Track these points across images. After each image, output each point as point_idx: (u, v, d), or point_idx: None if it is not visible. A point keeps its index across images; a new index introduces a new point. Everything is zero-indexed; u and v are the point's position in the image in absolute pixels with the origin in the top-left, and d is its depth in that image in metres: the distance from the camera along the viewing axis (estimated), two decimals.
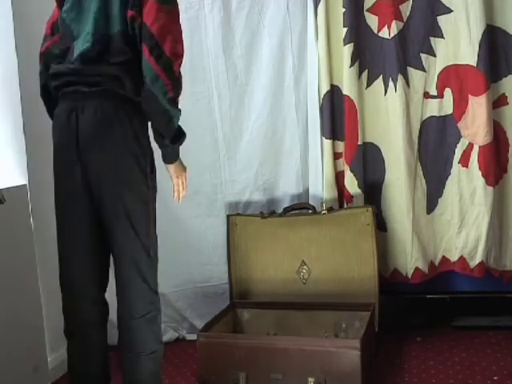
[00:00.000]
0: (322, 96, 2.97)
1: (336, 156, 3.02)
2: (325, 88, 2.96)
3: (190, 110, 3.07)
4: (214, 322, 2.73)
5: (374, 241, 2.83)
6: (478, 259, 2.87)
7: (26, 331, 2.61)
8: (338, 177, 3.02)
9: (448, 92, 2.88)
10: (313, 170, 3.06)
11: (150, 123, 2.08)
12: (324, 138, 2.99)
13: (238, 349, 2.48)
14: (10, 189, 2.56)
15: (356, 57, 2.89)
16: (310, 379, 2.38)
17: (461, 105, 2.85)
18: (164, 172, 3.11)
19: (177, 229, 3.13)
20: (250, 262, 2.99)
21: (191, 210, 3.11)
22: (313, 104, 3.01)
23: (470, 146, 2.86)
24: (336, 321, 2.83)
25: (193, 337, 3.11)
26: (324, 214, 2.87)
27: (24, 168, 2.68)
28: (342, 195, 3.00)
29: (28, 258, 2.66)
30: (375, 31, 2.90)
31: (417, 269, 2.91)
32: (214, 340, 2.55)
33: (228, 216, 3.03)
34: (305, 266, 2.87)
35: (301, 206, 2.98)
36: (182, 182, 2.22)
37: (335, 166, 3.02)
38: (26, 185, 2.67)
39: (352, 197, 2.95)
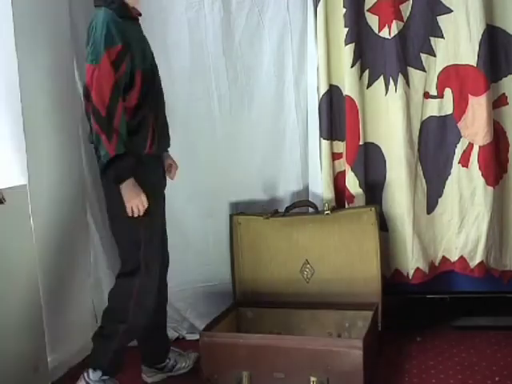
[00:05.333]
0: (320, 97, 2.97)
1: (336, 156, 3.03)
2: (323, 88, 2.96)
3: (190, 109, 3.07)
4: (218, 321, 2.73)
5: (378, 240, 2.83)
6: (477, 259, 2.88)
7: (26, 331, 2.61)
8: (339, 177, 3.02)
9: (448, 92, 2.88)
10: (313, 170, 3.06)
11: None
12: (322, 139, 2.99)
13: (241, 348, 2.49)
14: (10, 189, 2.56)
15: (357, 57, 2.89)
16: (313, 378, 2.39)
17: (461, 105, 2.85)
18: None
19: (177, 229, 3.12)
20: (253, 262, 2.99)
21: (191, 210, 3.11)
22: (312, 104, 3.01)
23: (470, 146, 2.86)
24: (339, 320, 2.84)
25: (193, 337, 3.12)
26: (327, 214, 2.86)
27: (24, 168, 2.68)
28: (343, 195, 3.00)
29: (28, 258, 2.66)
30: (376, 31, 2.90)
31: (417, 269, 2.91)
32: (217, 339, 2.55)
33: (231, 215, 3.02)
34: (308, 266, 2.88)
35: (303, 204, 2.98)
36: (133, 207, 2.38)
37: (336, 166, 3.02)
38: (26, 185, 2.67)
39: (353, 197, 2.95)
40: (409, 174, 2.89)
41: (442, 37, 2.85)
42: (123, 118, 2.34)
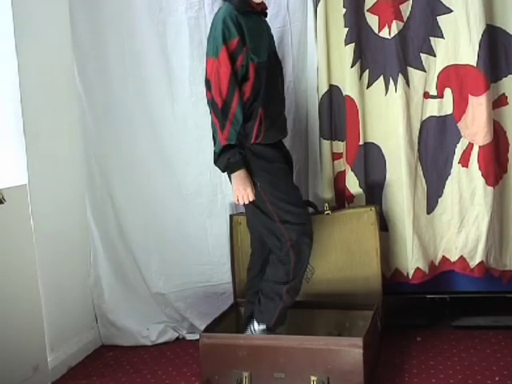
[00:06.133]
0: (320, 97, 2.97)
1: (336, 156, 3.02)
2: (323, 88, 2.96)
3: (190, 110, 3.07)
4: (218, 321, 2.72)
5: (378, 240, 2.84)
6: (477, 259, 2.88)
7: (26, 331, 2.61)
8: (339, 177, 3.02)
9: (448, 92, 2.88)
10: (313, 170, 3.06)
11: None
12: (322, 139, 2.99)
13: (241, 348, 2.48)
14: (10, 189, 2.56)
15: (357, 57, 2.89)
16: (313, 378, 2.39)
17: (461, 105, 2.85)
18: (163, 172, 3.14)
19: (177, 229, 3.13)
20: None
21: (191, 210, 3.11)
22: (312, 104, 3.01)
23: (470, 145, 2.86)
24: (339, 320, 2.84)
25: (193, 337, 3.13)
26: (328, 214, 2.86)
27: (24, 168, 2.68)
28: (343, 195, 3.00)
29: (28, 258, 2.66)
30: (376, 31, 2.89)
31: (417, 269, 2.91)
32: (217, 340, 2.54)
33: (231, 216, 3.02)
34: (308, 265, 2.86)
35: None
36: (241, 197, 2.52)
37: (336, 166, 3.02)
38: (26, 185, 2.67)
39: (353, 197, 2.95)
40: (409, 174, 2.89)
41: (442, 37, 2.85)
42: (239, 110, 2.45)
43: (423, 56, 2.87)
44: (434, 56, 2.88)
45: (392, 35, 2.85)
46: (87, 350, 3.10)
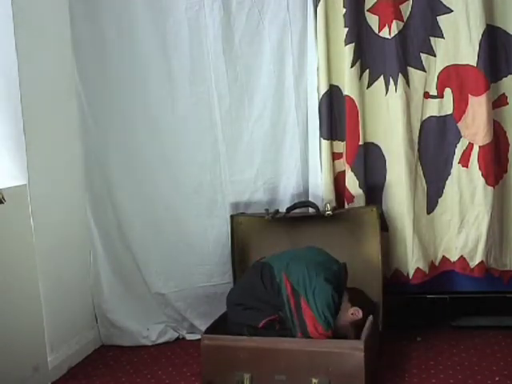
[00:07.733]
0: (320, 96, 2.97)
1: (336, 156, 3.02)
2: (323, 88, 2.95)
3: (190, 109, 3.08)
4: (219, 322, 2.72)
5: (379, 240, 2.83)
6: (477, 259, 2.88)
7: (26, 331, 2.61)
8: (339, 177, 3.02)
9: (448, 92, 2.88)
10: (313, 170, 3.05)
11: None
12: (322, 139, 2.99)
13: (243, 350, 2.47)
14: (10, 189, 2.56)
15: (357, 57, 2.89)
16: (314, 380, 2.38)
17: (461, 105, 2.85)
18: (163, 172, 3.14)
19: (177, 229, 3.13)
20: (253, 262, 2.98)
21: (191, 210, 3.11)
22: (313, 104, 3.00)
23: (470, 145, 2.86)
24: None
25: (193, 337, 3.13)
26: (328, 214, 2.86)
27: (24, 168, 2.68)
28: (343, 195, 3.00)
29: (28, 258, 2.66)
30: (376, 31, 2.89)
31: (418, 269, 2.91)
32: (218, 342, 2.53)
33: (232, 216, 3.01)
34: None
35: (303, 204, 2.98)
36: None
37: (336, 166, 3.02)
38: (25, 185, 2.67)
39: (353, 197, 2.95)
40: (409, 174, 2.89)
41: (442, 37, 2.85)
42: None
43: (423, 56, 2.87)
44: (434, 56, 2.88)
45: (392, 35, 2.85)
46: (87, 350, 3.10)
